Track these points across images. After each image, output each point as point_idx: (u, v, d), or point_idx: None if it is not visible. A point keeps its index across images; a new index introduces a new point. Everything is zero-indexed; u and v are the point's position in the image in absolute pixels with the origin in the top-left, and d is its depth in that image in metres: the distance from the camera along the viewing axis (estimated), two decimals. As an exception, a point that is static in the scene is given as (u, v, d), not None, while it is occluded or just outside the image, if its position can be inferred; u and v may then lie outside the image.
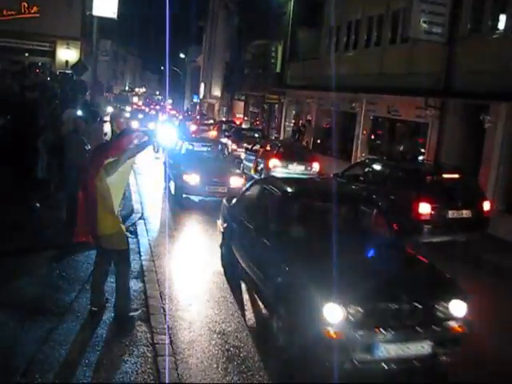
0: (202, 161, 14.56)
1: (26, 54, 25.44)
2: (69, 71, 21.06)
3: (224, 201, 9.67)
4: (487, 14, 14.44)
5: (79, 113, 12.40)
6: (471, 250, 10.88)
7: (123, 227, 6.39)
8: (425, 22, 15.19)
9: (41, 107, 12.11)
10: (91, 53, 25.51)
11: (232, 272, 8.41)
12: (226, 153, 16.79)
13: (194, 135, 24.98)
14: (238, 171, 14.74)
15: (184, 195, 13.29)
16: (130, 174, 6.52)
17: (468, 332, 5.65)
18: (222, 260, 8.97)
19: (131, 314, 6.35)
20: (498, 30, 14.17)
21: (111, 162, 5.93)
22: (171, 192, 14.07)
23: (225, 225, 8.99)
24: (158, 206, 13.59)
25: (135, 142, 6.16)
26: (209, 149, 16.46)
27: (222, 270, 8.75)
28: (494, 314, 7.56)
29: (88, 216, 6.06)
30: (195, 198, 13.66)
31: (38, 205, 10.34)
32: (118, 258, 6.27)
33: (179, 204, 13.23)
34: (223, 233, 9.06)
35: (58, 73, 22.44)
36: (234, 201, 9.08)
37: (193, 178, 13.02)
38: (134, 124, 27.40)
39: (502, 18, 13.95)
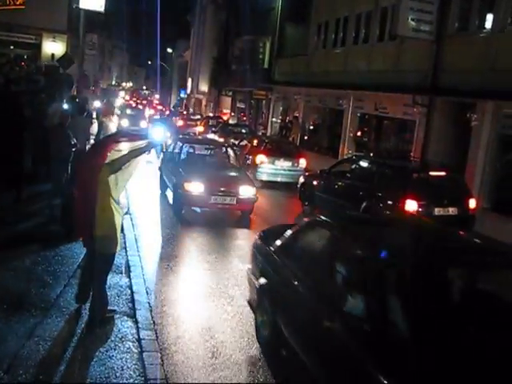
0: (205, 166, 12.71)
1: (12, 47, 25.18)
2: (55, 64, 20.85)
3: (257, 239, 6.83)
4: (474, 12, 14.56)
5: (65, 106, 12.32)
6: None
7: (119, 231, 6.09)
8: (413, 19, 15.24)
9: (26, 100, 12.00)
10: (78, 46, 25.34)
11: (282, 367, 5.58)
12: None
13: (181, 130, 24.77)
14: (248, 178, 12.65)
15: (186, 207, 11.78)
16: (133, 174, 6.30)
17: None
18: (261, 340, 6.00)
19: (107, 315, 6.11)
20: (485, 28, 14.29)
21: (116, 159, 5.74)
22: (169, 202, 12.67)
23: (262, 280, 6.00)
24: (145, 202, 13.36)
25: (129, 144, 5.98)
26: (212, 152, 14.26)
27: (204, 265, 8.73)
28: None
29: (86, 214, 5.79)
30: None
31: (22, 197, 10.24)
32: (102, 259, 6.00)
33: (167, 198, 12.91)
34: (260, 293, 6.00)
35: (43, 66, 22.23)
36: (278, 244, 6.08)
37: (195, 187, 11.32)
38: (124, 122, 26.98)
39: (489, 18, 14.08)
